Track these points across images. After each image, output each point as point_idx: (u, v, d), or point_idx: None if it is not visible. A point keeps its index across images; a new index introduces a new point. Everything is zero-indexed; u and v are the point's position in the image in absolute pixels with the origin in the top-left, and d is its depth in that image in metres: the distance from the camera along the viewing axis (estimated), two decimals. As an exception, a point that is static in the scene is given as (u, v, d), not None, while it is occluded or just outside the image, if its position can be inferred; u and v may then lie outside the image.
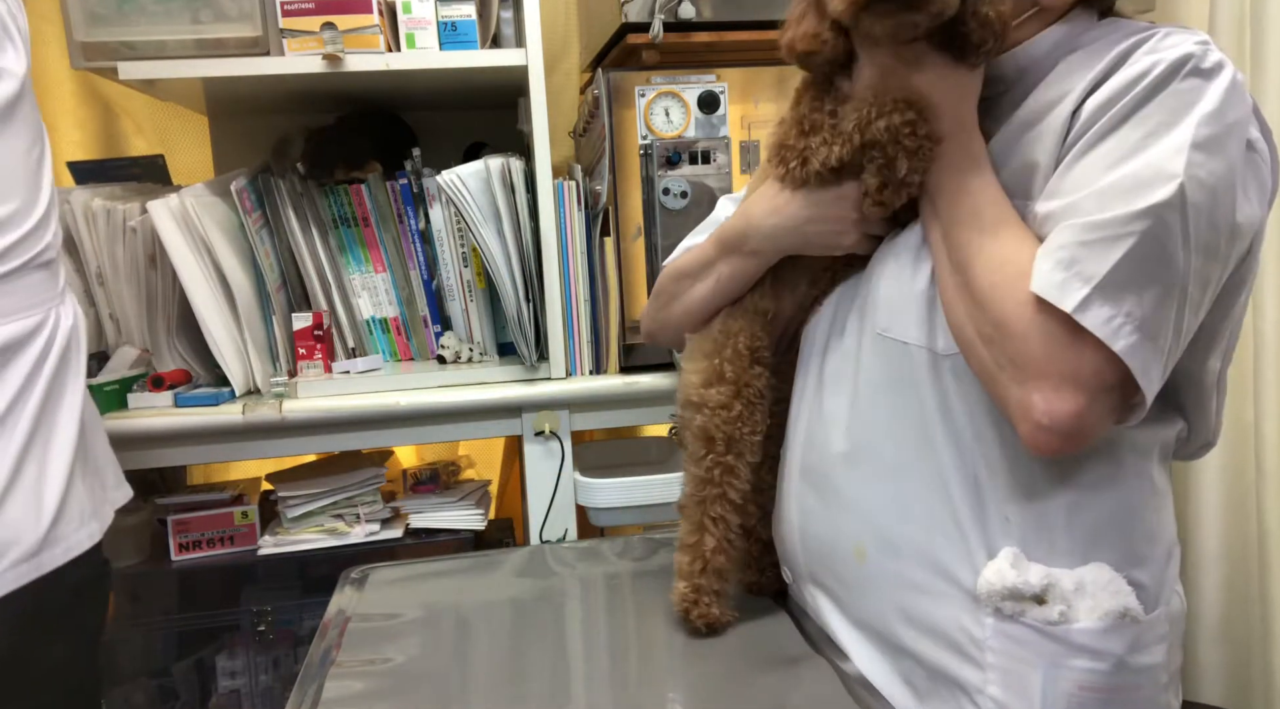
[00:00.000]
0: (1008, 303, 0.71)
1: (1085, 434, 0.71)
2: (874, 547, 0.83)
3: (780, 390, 0.95)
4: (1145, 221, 0.67)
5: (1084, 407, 0.69)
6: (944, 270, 0.78)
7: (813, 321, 0.92)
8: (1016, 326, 0.71)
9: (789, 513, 0.91)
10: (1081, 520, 0.77)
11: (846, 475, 0.85)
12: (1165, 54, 0.72)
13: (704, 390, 0.91)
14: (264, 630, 1.61)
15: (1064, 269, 0.69)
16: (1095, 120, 0.73)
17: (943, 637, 0.79)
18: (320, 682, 0.86)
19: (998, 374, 0.73)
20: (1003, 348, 0.72)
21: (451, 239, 1.63)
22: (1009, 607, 0.76)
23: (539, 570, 1.16)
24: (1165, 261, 0.69)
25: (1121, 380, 0.69)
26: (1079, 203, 0.70)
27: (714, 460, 0.90)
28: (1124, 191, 0.69)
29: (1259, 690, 1.70)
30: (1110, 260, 0.68)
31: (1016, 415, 0.72)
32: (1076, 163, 0.73)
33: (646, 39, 1.46)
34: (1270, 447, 1.63)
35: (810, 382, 0.90)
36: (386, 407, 1.48)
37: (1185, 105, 0.70)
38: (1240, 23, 1.59)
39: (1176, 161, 0.68)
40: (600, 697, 0.85)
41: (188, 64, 1.45)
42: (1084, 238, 0.69)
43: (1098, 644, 0.75)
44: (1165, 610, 0.79)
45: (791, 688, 0.83)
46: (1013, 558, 0.76)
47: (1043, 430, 0.70)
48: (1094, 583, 0.76)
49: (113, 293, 1.53)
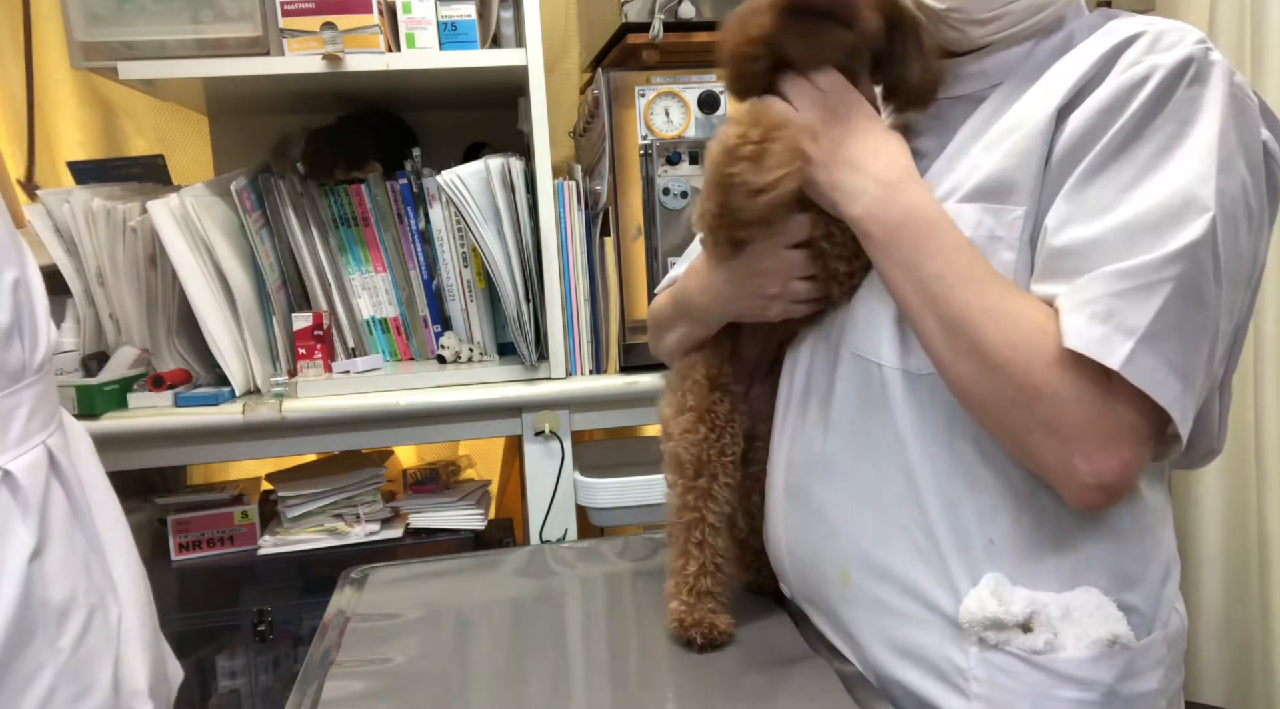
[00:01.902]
0: (1034, 364, 0.68)
1: (1132, 485, 0.69)
2: (857, 570, 0.81)
3: (760, 414, 0.95)
4: (1180, 265, 0.65)
5: (1130, 461, 0.67)
6: (932, 331, 0.73)
7: (794, 341, 0.90)
8: (1047, 389, 0.67)
9: (776, 533, 0.91)
10: (1069, 542, 0.75)
11: (827, 496, 0.83)
12: (1164, 58, 0.70)
13: (671, 419, 0.93)
14: (264, 630, 1.61)
15: (1101, 322, 0.65)
16: (1095, 131, 0.70)
17: (927, 665, 0.77)
18: (320, 682, 0.86)
19: (1024, 436, 0.70)
20: (1032, 412, 0.68)
21: (451, 239, 1.63)
22: (992, 636, 0.73)
23: (539, 570, 1.16)
24: (1199, 302, 0.66)
25: (1162, 427, 0.68)
26: (1104, 240, 0.67)
27: (685, 485, 0.90)
28: (1153, 227, 0.66)
29: (1259, 690, 1.70)
30: (1150, 310, 0.65)
31: (1057, 478, 0.70)
32: (1088, 184, 0.69)
33: (646, 39, 1.46)
34: (1270, 448, 1.63)
35: (792, 401, 0.89)
36: (386, 407, 1.48)
37: (1195, 117, 0.68)
38: (1240, 23, 1.59)
39: (1205, 190, 0.66)
40: (600, 697, 0.85)
41: (188, 64, 1.45)
42: (1117, 287, 0.65)
43: (1086, 673, 0.72)
44: (1162, 634, 0.76)
45: (790, 688, 0.83)
46: (994, 585, 0.74)
47: (1090, 490, 0.68)
48: (1081, 609, 0.73)
49: (113, 293, 1.53)
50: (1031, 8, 0.78)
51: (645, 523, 1.53)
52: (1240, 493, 1.69)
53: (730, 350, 0.93)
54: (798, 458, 0.87)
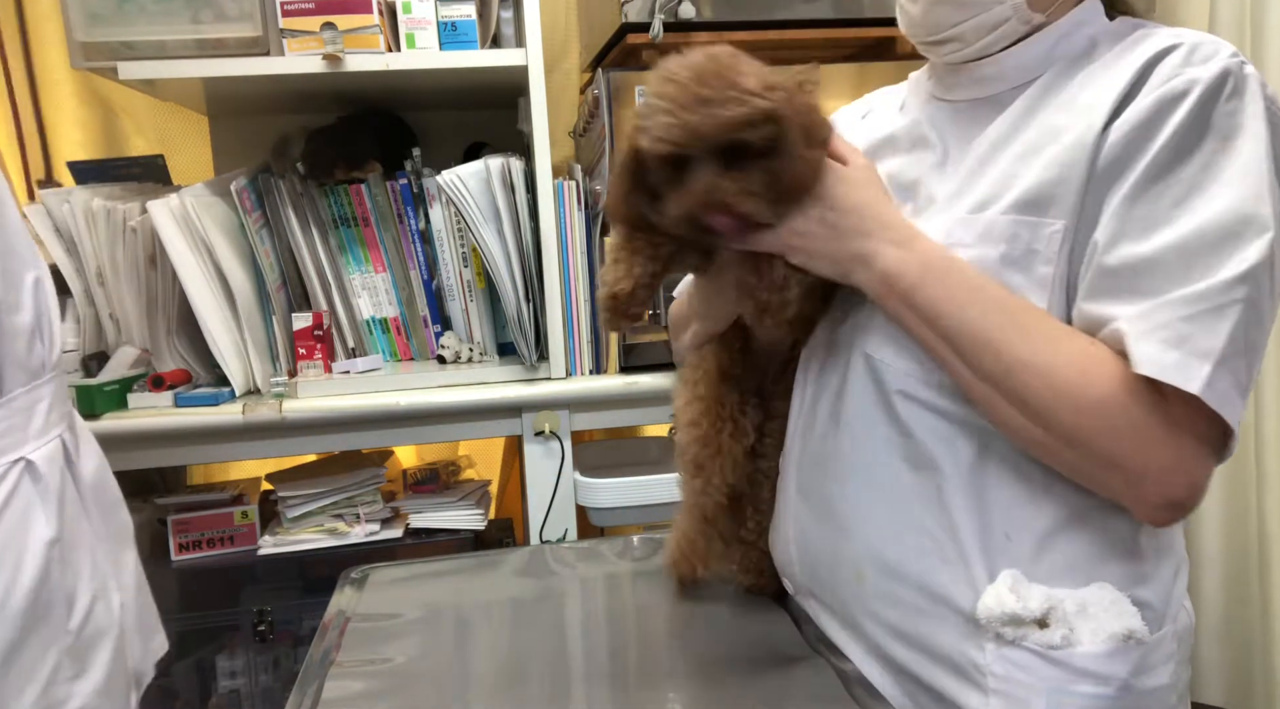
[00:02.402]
0: (1082, 404, 0.68)
1: (1201, 497, 0.69)
2: (872, 568, 0.82)
3: (774, 409, 0.96)
4: (1247, 287, 0.65)
5: (1197, 479, 0.68)
6: (967, 381, 0.73)
7: (810, 340, 0.91)
8: (1104, 425, 0.68)
9: (786, 530, 0.91)
10: (1084, 539, 0.75)
11: (841, 495, 0.84)
12: (1201, 71, 0.70)
13: (682, 408, 0.94)
14: (264, 630, 1.61)
15: (1175, 348, 0.65)
16: (1136, 145, 0.70)
17: (944, 660, 0.78)
18: (320, 682, 0.86)
19: (1088, 471, 0.71)
20: (1091, 450, 0.69)
21: (451, 239, 1.63)
22: (1009, 632, 0.74)
23: (539, 570, 1.16)
24: (1260, 321, 0.67)
25: (1224, 442, 0.69)
26: (1161, 259, 0.67)
27: (691, 473, 0.93)
28: (1212, 246, 0.66)
29: (1259, 690, 1.70)
30: (1222, 334, 0.65)
31: (1128, 501, 0.71)
32: (1137, 201, 0.69)
33: (646, 39, 1.45)
34: (1270, 448, 1.63)
35: (806, 400, 0.89)
36: (386, 407, 1.48)
37: (1236, 132, 0.69)
38: (1240, 23, 1.59)
39: (1263, 210, 0.66)
40: (600, 697, 0.85)
41: (188, 64, 1.45)
42: (1186, 312, 0.66)
43: (1102, 668, 0.73)
44: (1172, 629, 0.77)
45: (791, 687, 0.83)
46: (1012, 582, 0.74)
47: (1162, 510, 0.70)
48: (1097, 604, 0.74)
49: (113, 293, 1.53)
50: (981, 26, 0.78)
51: (645, 523, 1.53)
52: (1240, 493, 1.69)
53: (741, 345, 0.94)
54: (810, 456, 0.88)
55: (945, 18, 0.79)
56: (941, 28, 0.80)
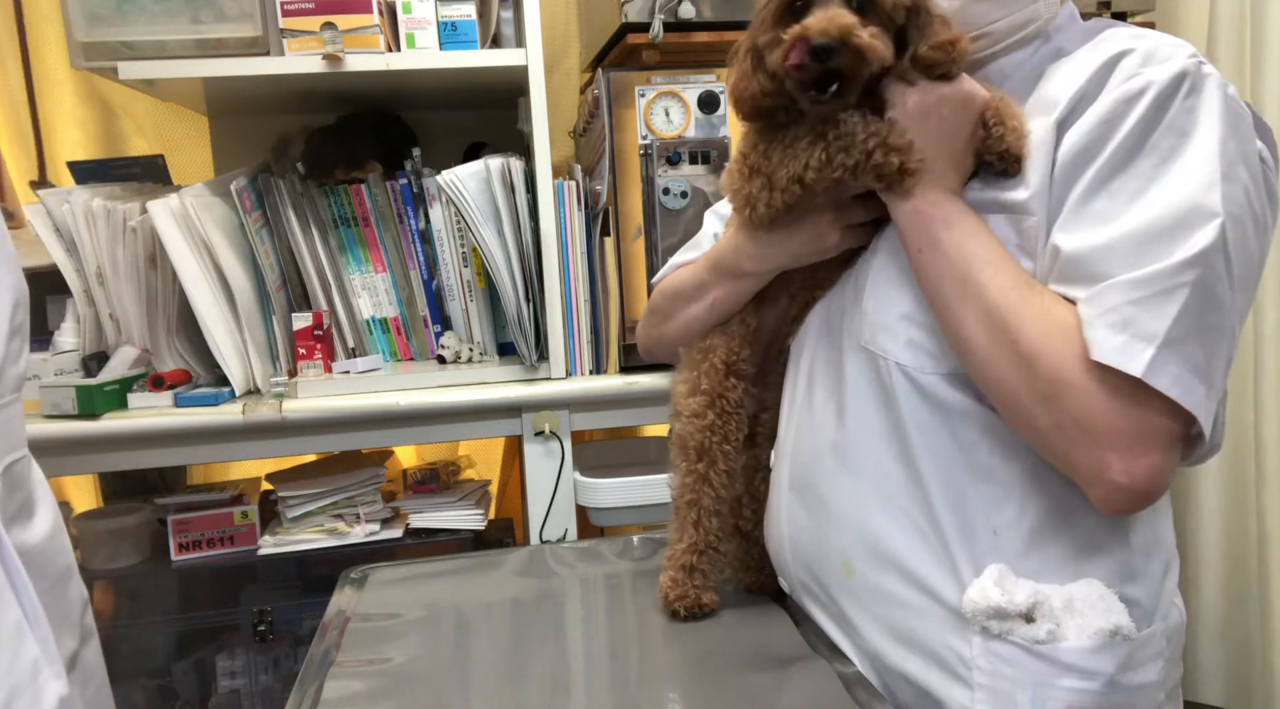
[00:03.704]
0: (1064, 359, 0.68)
1: (1162, 489, 0.69)
2: (860, 560, 0.82)
3: (766, 400, 0.96)
4: (1195, 270, 0.66)
5: (1160, 464, 0.68)
6: (969, 319, 0.74)
7: (800, 332, 0.92)
8: (1079, 385, 0.68)
9: (779, 524, 0.91)
10: (1073, 534, 0.75)
11: (832, 487, 0.84)
12: (1158, 71, 0.71)
13: (685, 399, 0.94)
14: (264, 630, 1.61)
15: (1120, 331, 0.66)
16: (1094, 144, 0.71)
17: (930, 654, 0.78)
18: (320, 682, 0.86)
19: (1054, 432, 0.70)
20: (1063, 407, 0.69)
21: (451, 239, 1.63)
22: (995, 626, 0.74)
23: (539, 570, 1.16)
24: (1217, 306, 0.67)
25: (1188, 429, 0.69)
26: (1116, 247, 0.68)
27: (688, 468, 0.93)
28: (1163, 234, 0.67)
29: (1259, 690, 1.71)
30: (1168, 316, 0.65)
31: (1088, 478, 0.70)
32: (1094, 197, 0.71)
33: (646, 39, 1.46)
34: (1270, 448, 1.64)
35: (798, 392, 0.90)
36: (386, 407, 1.48)
37: (1192, 128, 0.69)
38: (1240, 23, 1.60)
39: (1212, 197, 0.67)
40: (600, 697, 0.85)
41: (188, 64, 1.45)
42: (1134, 295, 0.66)
43: (1087, 663, 0.73)
44: (1162, 626, 0.77)
45: (790, 688, 0.83)
46: (998, 576, 0.74)
47: (1121, 491, 0.68)
48: (1084, 600, 0.74)
49: (113, 293, 1.53)
50: (1012, 27, 0.79)
51: (645, 523, 1.53)
52: (1240, 493, 1.69)
53: (754, 328, 0.94)
54: (804, 449, 0.88)
55: (984, 14, 0.79)
56: (978, 24, 0.79)
